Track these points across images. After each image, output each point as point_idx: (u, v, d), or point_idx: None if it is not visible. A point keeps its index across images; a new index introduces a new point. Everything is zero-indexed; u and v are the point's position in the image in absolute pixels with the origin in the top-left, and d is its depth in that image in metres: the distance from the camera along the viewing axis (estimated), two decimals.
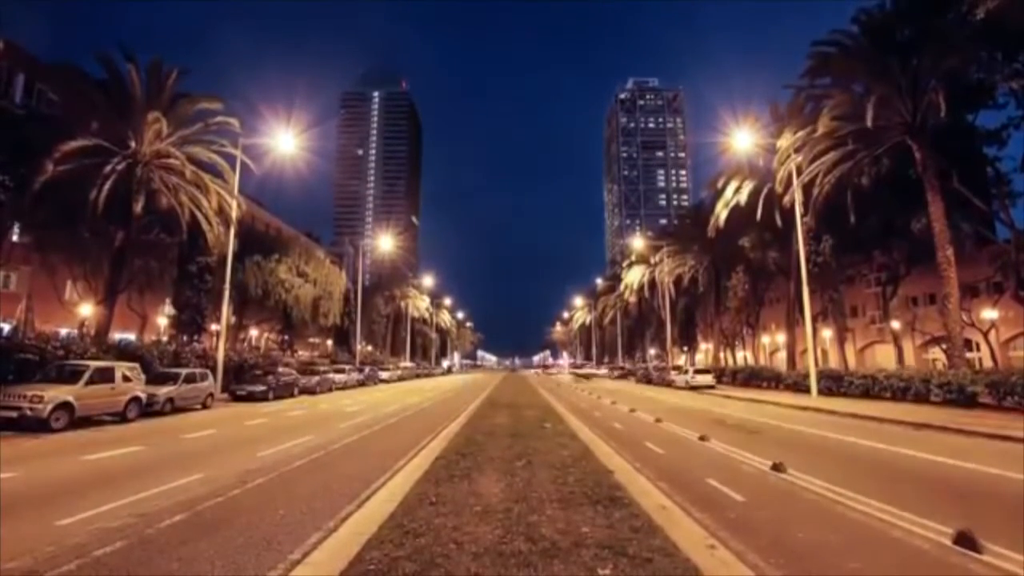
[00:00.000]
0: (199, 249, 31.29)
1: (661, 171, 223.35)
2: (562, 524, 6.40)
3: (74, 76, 26.78)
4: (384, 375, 55.21)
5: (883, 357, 45.77)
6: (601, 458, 10.97)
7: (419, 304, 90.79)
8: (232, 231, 29.92)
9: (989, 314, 34.64)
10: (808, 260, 30.83)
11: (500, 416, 19.55)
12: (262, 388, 27.75)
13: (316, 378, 35.23)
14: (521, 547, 5.62)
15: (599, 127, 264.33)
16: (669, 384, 44.14)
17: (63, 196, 24.06)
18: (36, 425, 14.75)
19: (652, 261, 64.72)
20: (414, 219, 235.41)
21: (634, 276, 71.01)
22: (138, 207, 25.27)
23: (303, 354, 55.87)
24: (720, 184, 41.20)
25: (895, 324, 40.19)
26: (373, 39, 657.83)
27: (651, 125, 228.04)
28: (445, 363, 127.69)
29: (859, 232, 32.82)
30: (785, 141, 31.39)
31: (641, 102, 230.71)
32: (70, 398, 15.70)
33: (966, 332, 29.97)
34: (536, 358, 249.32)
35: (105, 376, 17.41)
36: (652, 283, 65.80)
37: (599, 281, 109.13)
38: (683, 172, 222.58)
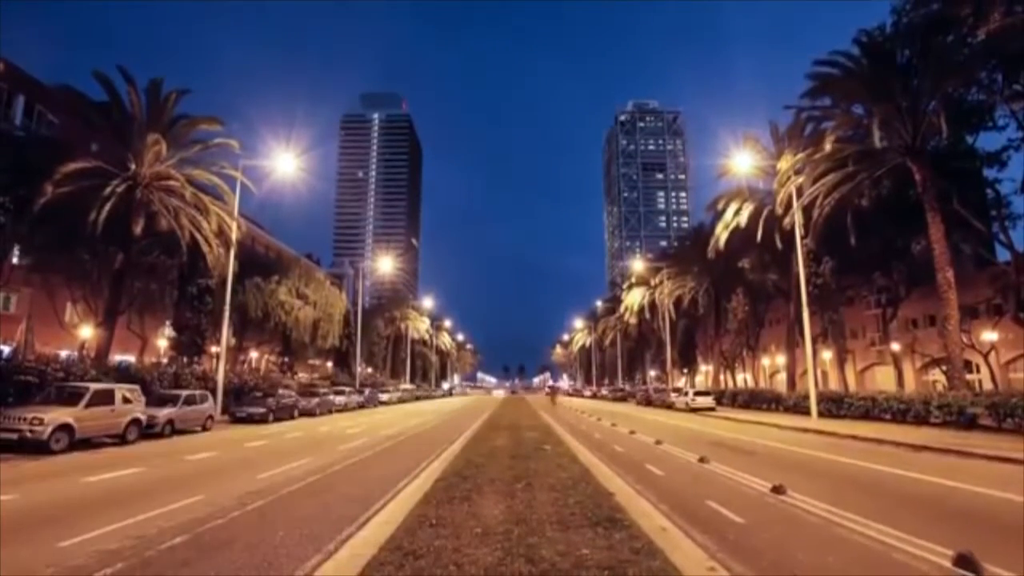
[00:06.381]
0: (199, 271, 31.31)
1: (661, 193, 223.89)
2: (562, 546, 6.39)
3: (74, 98, 26.99)
4: (384, 397, 55.22)
5: (883, 379, 45.60)
6: (601, 480, 10.94)
7: (419, 326, 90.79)
8: (232, 253, 30.02)
9: (989, 336, 34.59)
10: (808, 282, 30.85)
11: (500, 438, 19.49)
12: (262, 410, 27.68)
13: (316, 400, 35.11)
14: (521, 569, 5.62)
15: (599, 148, 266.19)
16: (669, 406, 43.92)
17: (63, 218, 24.14)
18: (36, 447, 14.71)
19: (652, 283, 64.76)
20: (414, 241, 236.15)
21: (634, 298, 70.99)
22: (138, 229, 25.33)
23: (303, 376, 55.64)
24: (720, 206, 41.39)
25: (895, 346, 40.19)
26: (373, 61, 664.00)
27: (651, 147, 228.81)
28: (445, 385, 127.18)
29: (859, 254, 32.86)
30: (785, 163, 31.54)
31: (641, 124, 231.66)
32: (70, 420, 15.67)
33: (966, 354, 29.94)
34: (536, 380, 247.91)
35: (105, 398, 17.37)
36: (652, 305, 65.79)
37: (599, 303, 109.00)
38: (683, 194, 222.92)
